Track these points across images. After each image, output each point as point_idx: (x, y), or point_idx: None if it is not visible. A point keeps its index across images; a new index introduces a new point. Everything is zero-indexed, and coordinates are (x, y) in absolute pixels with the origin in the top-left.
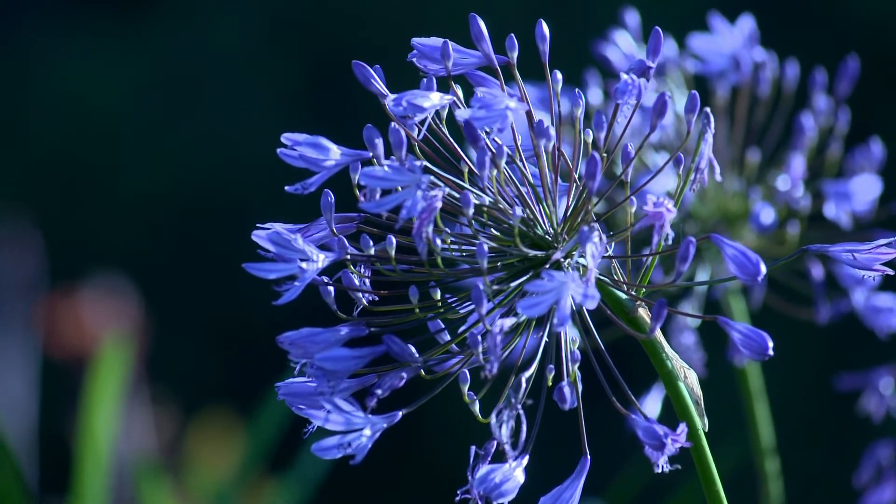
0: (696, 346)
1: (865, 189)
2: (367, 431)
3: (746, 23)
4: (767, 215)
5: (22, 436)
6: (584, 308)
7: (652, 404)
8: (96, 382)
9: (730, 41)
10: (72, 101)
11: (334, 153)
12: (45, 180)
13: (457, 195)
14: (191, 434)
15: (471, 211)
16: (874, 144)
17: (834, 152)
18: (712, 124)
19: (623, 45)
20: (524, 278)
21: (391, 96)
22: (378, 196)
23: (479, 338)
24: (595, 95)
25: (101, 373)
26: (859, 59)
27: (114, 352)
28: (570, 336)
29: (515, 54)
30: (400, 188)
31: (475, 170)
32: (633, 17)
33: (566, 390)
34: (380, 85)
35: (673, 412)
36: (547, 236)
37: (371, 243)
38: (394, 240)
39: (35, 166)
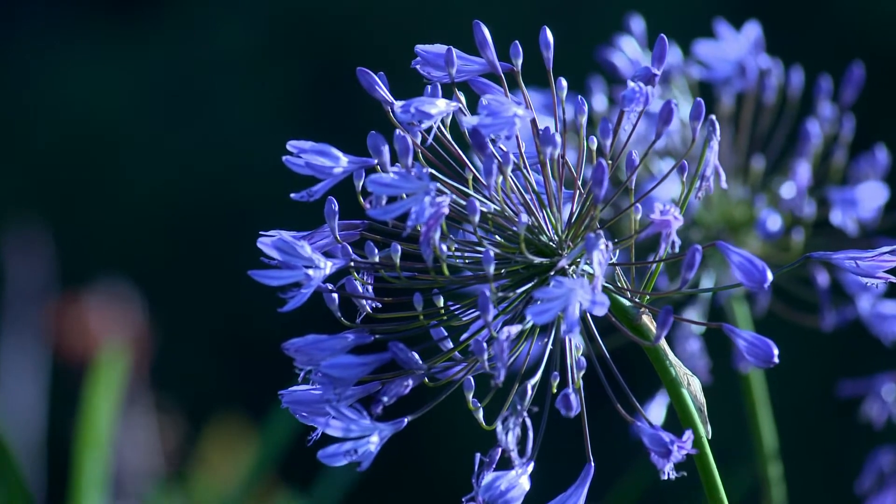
0: (701, 353)
1: (871, 196)
2: (375, 438)
3: (752, 29)
4: (774, 222)
5: (30, 442)
6: (588, 315)
7: (657, 410)
8: (94, 391)
9: (735, 48)
10: (75, 108)
11: (342, 161)
12: (51, 187)
13: (462, 202)
14: (198, 441)
15: (477, 218)
16: (879, 152)
17: (839, 159)
18: (718, 132)
19: (629, 52)
20: (529, 285)
21: (399, 103)
22: (384, 203)
23: (484, 345)
24: (599, 102)
25: (99, 381)
26: (864, 67)
27: (111, 359)
28: (575, 343)
29: (520, 61)
30: (406, 195)
31: (480, 177)
32: (638, 24)
33: (571, 397)
34: (384, 92)
35: (676, 418)
36: (551, 243)
37: (375, 250)
38: (399, 247)
39: (41, 173)
